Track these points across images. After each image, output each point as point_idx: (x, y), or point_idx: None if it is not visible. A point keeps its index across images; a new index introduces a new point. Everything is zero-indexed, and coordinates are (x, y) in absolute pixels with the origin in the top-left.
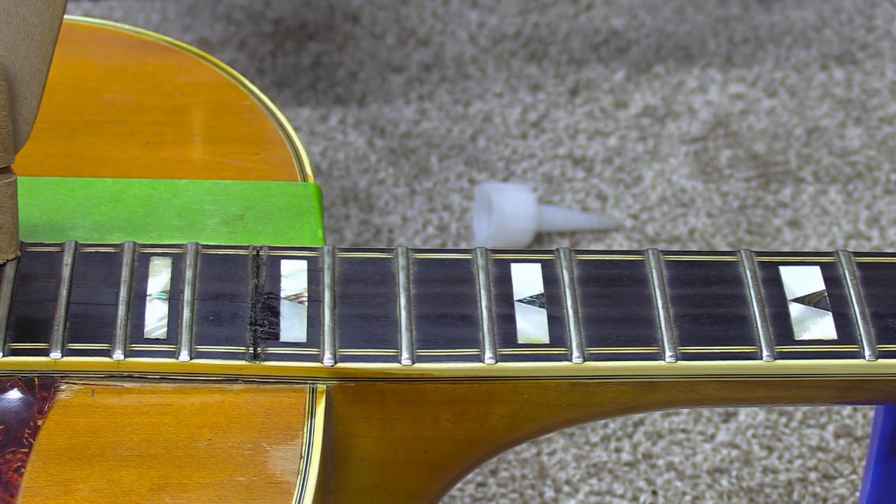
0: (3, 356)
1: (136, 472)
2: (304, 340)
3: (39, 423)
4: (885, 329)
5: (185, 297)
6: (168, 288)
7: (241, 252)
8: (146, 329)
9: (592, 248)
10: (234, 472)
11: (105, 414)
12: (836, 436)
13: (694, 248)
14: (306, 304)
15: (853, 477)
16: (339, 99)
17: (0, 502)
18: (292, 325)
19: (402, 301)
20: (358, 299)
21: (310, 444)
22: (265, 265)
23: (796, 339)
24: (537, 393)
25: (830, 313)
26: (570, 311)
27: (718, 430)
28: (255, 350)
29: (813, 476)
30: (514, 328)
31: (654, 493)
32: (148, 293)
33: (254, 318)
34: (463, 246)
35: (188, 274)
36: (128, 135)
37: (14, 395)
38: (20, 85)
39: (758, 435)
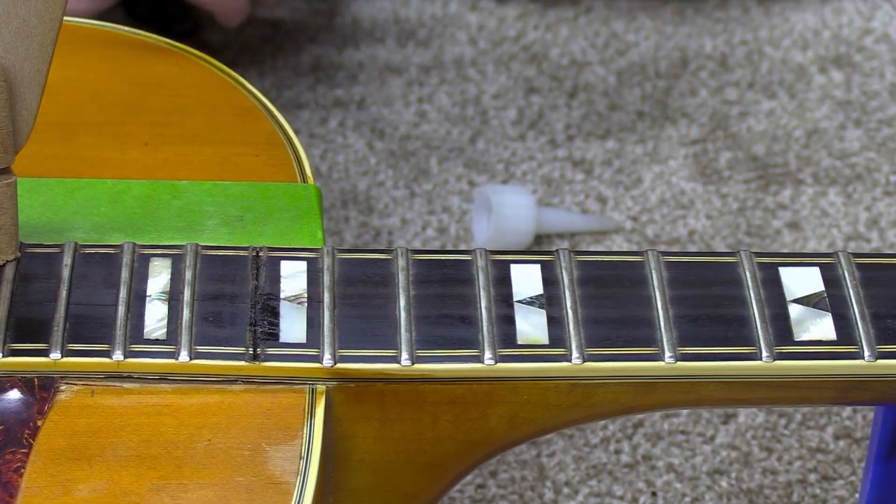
0: (3, 357)
1: (136, 473)
2: (304, 341)
3: (39, 423)
4: (884, 330)
5: (185, 298)
6: (168, 289)
7: (241, 253)
8: (146, 330)
9: (592, 249)
10: (234, 473)
11: (105, 414)
12: (836, 437)
13: (693, 249)
14: (306, 304)
15: (853, 478)
16: (338, 101)
17: (0, 502)
18: (292, 326)
19: (402, 302)
20: (357, 300)
21: (309, 445)
22: (265, 266)
23: (796, 339)
24: (537, 394)
25: (830, 314)
26: (570, 312)
27: (718, 432)
28: (254, 351)
29: (812, 477)
30: (514, 329)
31: (654, 494)
32: (148, 294)
33: (253, 318)
34: (462, 248)
35: (188, 275)
36: (127, 136)
37: (14, 395)
38: (20, 86)
39: (757, 436)
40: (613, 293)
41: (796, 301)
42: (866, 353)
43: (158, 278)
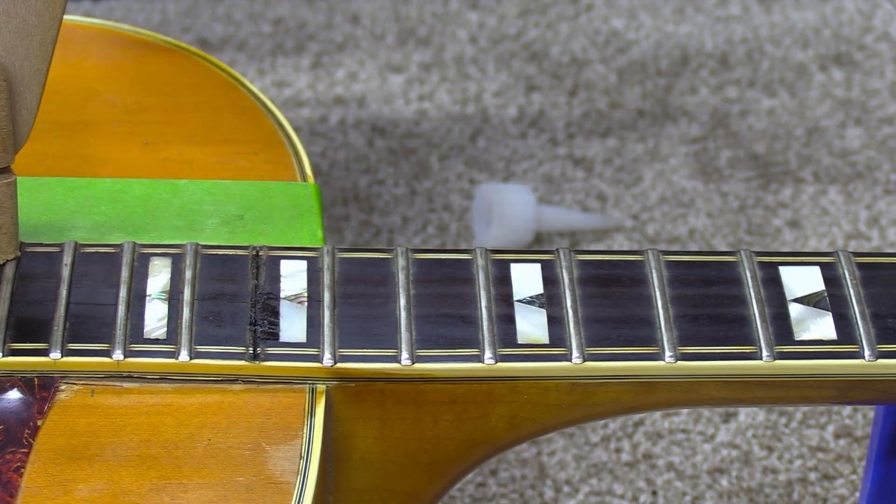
0: (3, 356)
1: (136, 472)
2: (304, 340)
3: (39, 423)
4: (884, 329)
5: (185, 298)
6: (168, 288)
7: (241, 252)
8: (146, 329)
9: (592, 248)
10: (234, 472)
11: (105, 414)
12: (837, 436)
13: (694, 248)
14: (306, 304)
15: (853, 477)
16: (338, 99)
17: (0, 502)
18: (292, 326)
19: (402, 301)
20: (358, 299)
21: (309, 444)
22: (265, 265)
23: (796, 339)
24: (537, 393)
25: (830, 313)
26: (570, 312)
27: (718, 431)
28: (254, 350)
29: (813, 476)
30: (514, 328)
31: (654, 493)
32: (148, 293)
33: (253, 318)
34: (463, 246)
35: (188, 274)
36: (127, 135)
37: (14, 395)
38: (20, 85)
39: (758, 435)
40: (614, 292)
41: (796, 300)
42: (867, 353)
43: (158, 278)
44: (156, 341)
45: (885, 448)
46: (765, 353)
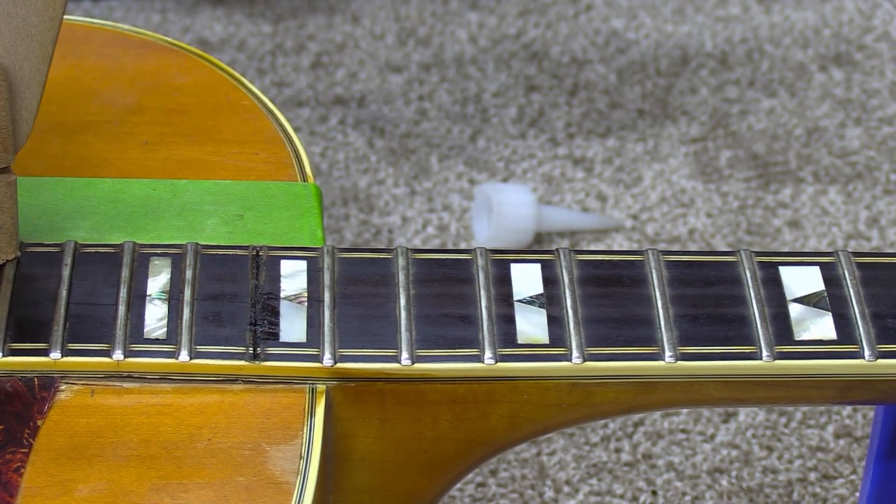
0: (3, 356)
1: (136, 472)
2: (304, 340)
3: (39, 423)
4: (884, 329)
5: (185, 298)
6: (168, 288)
7: (241, 252)
8: (146, 329)
9: (592, 248)
10: (234, 472)
11: (105, 414)
12: (836, 436)
13: (694, 248)
14: (306, 304)
15: (853, 477)
16: (338, 99)
17: (0, 502)
18: (292, 326)
19: (402, 301)
20: (358, 299)
21: (309, 444)
22: (265, 265)
23: (796, 339)
24: (537, 393)
25: (830, 313)
26: (570, 312)
27: (718, 431)
28: (254, 350)
29: (813, 476)
30: (514, 328)
31: (654, 493)
32: (148, 293)
33: (253, 318)
34: (463, 246)
35: (188, 274)
36: (127, 135)
37: (14, 395)
38: (20, 85)
39: (758, 435)
40: (613, 292)
41: (796, 300)
42: (866, 353)
43: (158, 278)
44: (156, 341)
45: (885, 448)
46: (765, 353)
